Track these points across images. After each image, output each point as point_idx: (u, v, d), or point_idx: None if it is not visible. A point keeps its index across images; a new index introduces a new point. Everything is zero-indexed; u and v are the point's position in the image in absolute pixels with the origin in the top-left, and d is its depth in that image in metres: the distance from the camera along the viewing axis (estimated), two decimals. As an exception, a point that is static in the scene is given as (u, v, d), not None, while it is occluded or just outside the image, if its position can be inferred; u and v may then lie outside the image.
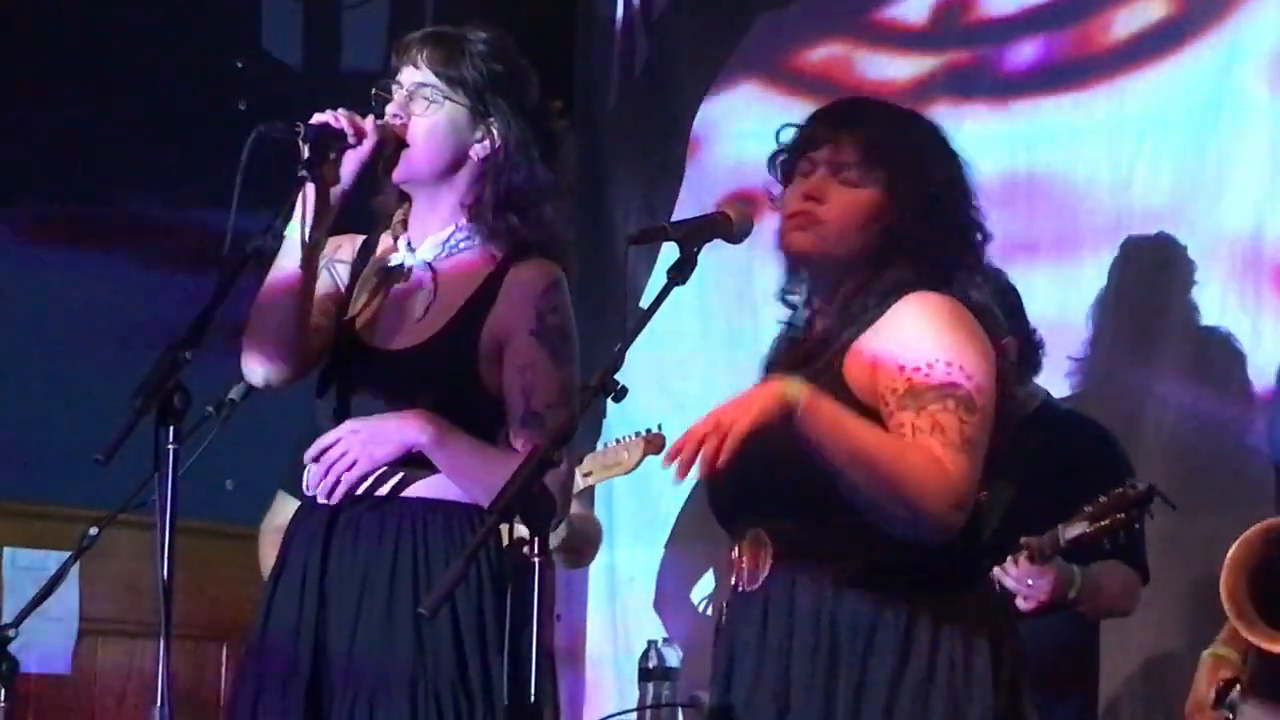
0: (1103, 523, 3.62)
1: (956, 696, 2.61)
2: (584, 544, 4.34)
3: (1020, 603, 3.59)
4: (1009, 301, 3.71)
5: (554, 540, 3.80)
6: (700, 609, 4.99)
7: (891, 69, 4.87)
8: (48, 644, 4.37)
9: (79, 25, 4.65)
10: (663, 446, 4.01)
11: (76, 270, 4.68)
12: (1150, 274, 4.44)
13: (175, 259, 4.64)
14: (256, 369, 3.10)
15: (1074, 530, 3.65)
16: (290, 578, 3.05)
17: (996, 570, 3.58)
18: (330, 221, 3.05)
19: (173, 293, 4.32)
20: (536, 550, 2.41)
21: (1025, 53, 4.75)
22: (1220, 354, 4.33)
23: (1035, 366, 3.95)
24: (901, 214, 2.73)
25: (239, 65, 4.93)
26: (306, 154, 2.92)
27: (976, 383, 2.65)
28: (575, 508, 3.94)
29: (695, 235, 2.66)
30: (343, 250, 3.21)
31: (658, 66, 5.53)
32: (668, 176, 5.40)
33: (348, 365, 3.12)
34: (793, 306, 2.88)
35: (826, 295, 2.79)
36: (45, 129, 4.63)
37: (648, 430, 4.22)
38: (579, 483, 3.99)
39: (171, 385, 2.64)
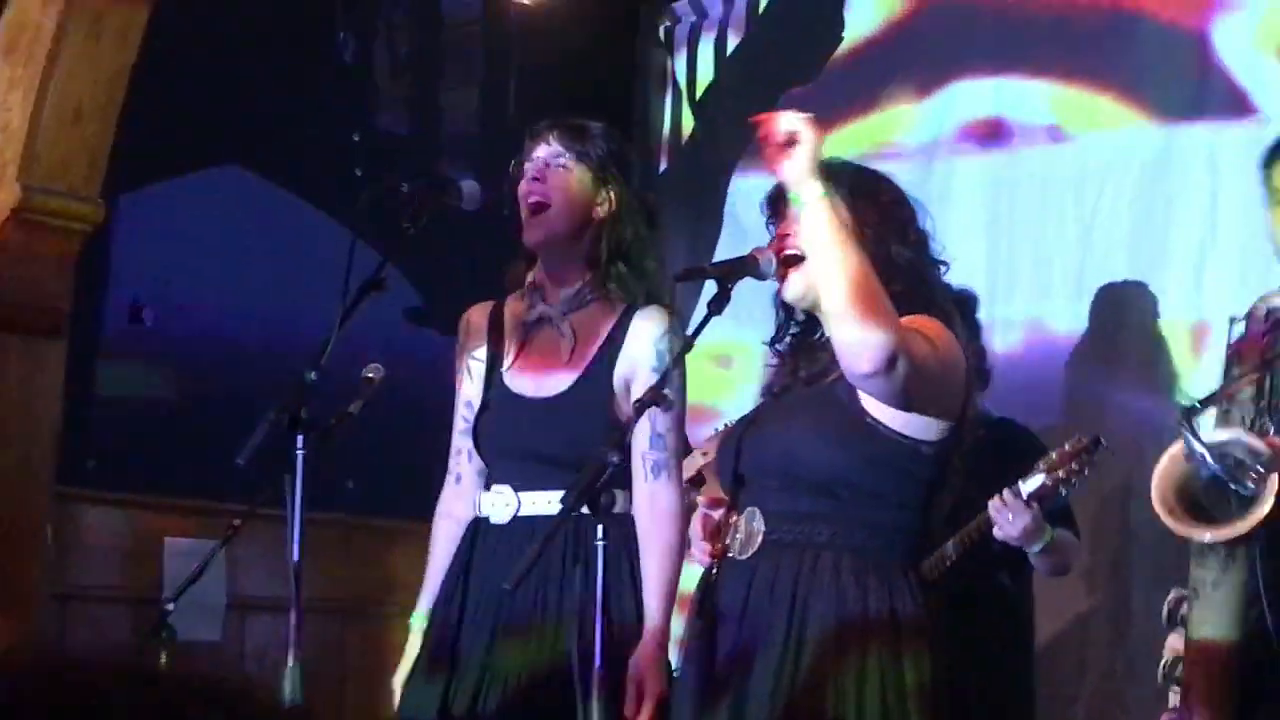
0: (1058, 473, 3.61)
1: (898, 644, 2.73)
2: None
3: (996, 531, 3.61)
4: (971, 317, 3.85)
5: None
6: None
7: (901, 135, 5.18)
8: (200, 616, 4.39)
9: (232, 109, 4.85)
10: None
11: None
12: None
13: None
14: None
15: (1032, 483, 3.63)
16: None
17: (991, 501, 3.60)
18: None
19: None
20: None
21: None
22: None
23: (985, 378, 3.88)
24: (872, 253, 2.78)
25: (355, 138, 5.17)
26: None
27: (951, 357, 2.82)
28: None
29: (730, 273, 2.79)
30: (474, 340, 3.37)
31: (701, 139, 5.84)
32: (709, 227, 5.64)
33: (502, 409, 3.29)
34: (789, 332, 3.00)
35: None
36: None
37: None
38: (698, 460, 3.98)
39: (300, 402, 2.80)
